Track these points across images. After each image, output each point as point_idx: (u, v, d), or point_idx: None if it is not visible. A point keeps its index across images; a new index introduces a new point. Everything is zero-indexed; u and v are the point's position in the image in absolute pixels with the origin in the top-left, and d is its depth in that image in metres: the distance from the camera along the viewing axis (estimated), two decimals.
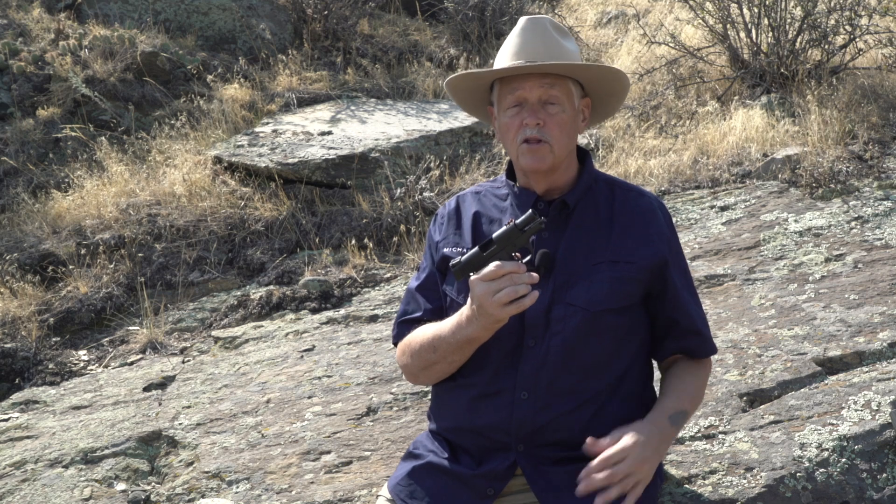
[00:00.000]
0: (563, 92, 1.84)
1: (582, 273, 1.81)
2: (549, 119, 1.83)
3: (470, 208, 1.97)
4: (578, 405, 1.78)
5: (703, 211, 3.94)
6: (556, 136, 1.83)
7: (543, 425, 1.78)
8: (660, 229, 1.87)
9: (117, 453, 2.72)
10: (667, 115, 5.32)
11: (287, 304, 4.03)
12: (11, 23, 6.88)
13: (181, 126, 5.71)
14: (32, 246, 4.68)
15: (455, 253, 1.90)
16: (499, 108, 1.90)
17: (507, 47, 1.90)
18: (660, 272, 1.85)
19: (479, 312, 1.69)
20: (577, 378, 1.78)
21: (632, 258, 1.82)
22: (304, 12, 7.45)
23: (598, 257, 1.82)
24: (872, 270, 3.03)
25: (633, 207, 1.89)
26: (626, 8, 7.40)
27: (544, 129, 1.82)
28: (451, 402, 1.89)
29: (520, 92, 1.84)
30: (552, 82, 1.83)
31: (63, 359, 3.96)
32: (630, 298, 1.83)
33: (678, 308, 1.87)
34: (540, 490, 1.77)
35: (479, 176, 5.06)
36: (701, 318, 1.91)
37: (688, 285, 1.91)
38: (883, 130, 4.45)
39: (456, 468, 1.84)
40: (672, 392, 1.84)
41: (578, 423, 1.78)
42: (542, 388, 1.77)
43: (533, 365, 1.78)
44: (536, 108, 1.83)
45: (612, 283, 1.80)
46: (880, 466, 2.06)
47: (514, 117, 1.85)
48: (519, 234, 1.67)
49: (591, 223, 1.87)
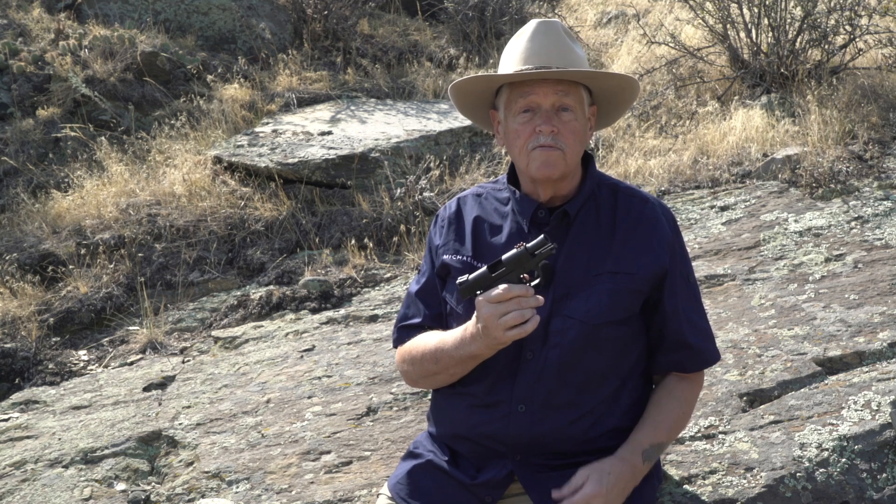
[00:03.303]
0: (576, 99, 1.81)
1: (581, 285, 1.78)
2: (564, 126, 1.79)
3: (471, 213, 1.94)
4: (576, 418, 1.77)
5: (703, 211, 3.94)
6: (570, 143, 1.79)
7: (541, 437, 1.77)
8: (662, 238, 1.83)
9: (117, 453, 2.72)
10: (667, 115, 5.32)
11: (287, 304, 4.03)
12: (11, 23, 6.88)
13: (181, 126, 5.71)
14: (32, 246, 4.68)
15: (456, 261, 1.88)
16: (506, 112, 1.85)
17: (516, 50, 1.84)
18: (659, 282, 1.81)
19: (483, 333, 1.68)
20: (575, 391, 1.77)
21: (632, 269, 1.79)
22: (304, 12, 7.46)
23: (598, 268, 1.79)
24: (872, 270, 3.03)
25: (636, 216, 1.84)
26: (626, 8, 7.40)
27: (559, 137, 1.78)
28: (449, 409, 1.89)
29: (532, 97, 1.79)
30: (566, 90, 1.79)
31: (63, 359, 3.96)
32: (629, 310, 1.80)
33: (670, 321, 1.82)
34: (537, 498, 1.76)
35: (479, 176, 5.06)
36: (697, 330, 1.85)
37: (689, 296, 1.86)
38: (883, 130, 4.45)
39: (455, 473, 1.83)
40: (650, 422, 1.81)
41: (576, 435, 1.78)
42: (540, 401, 1.76)
43: (530, 377, 1.77)
44: (550, 114, 1.79)
45: (612, 295, 1.77)
46: (880, 466, 2.06)
47: (526, 123, 1.80)
48: (529, 259, 1.66)
49: (591, 232, 1.83)
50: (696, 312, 1.88)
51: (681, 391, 1.86)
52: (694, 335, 1.84)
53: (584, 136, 1.83)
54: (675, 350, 1.84)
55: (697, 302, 1.89)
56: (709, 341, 1.88)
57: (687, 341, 1.83)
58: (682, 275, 1.86)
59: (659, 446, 1.79)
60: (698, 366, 1.87)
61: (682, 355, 1.85)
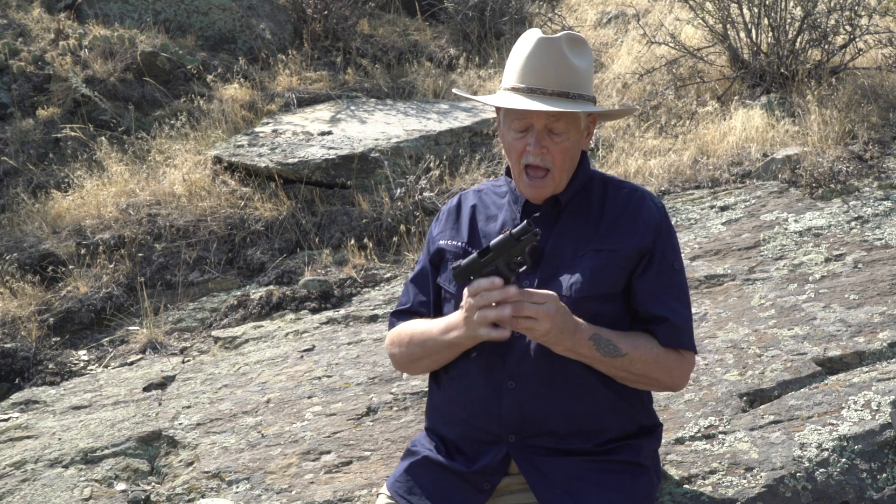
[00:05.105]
0: (569, 121, 1.84)
1: (567, 265, 1.83)
2: (554, 147, 1.84)
3: (469, 203, 2.02)
4: (564, 394, 1.80)
5: (703, 211, 3.94)
6: (558, 162, 1.85)
7: (532, 414, 1.80)
8: (649, 220, 1.86)
9: (117, 453, 2.72)
10: (667, 115, 5.32)
11: (287, 304, 4.03)
12: (11, 23, 6.88)
13: (181, 126, 5.71)
14: (32, 246, 4.68)
15: (451, 246, 1.95)
16: (504, 122, 1.91)
17: (516, 65, 1.85)
18: (639, 260, 1.84)
19: (464, 322, 1.75)
20: (561, 367, 1.79)
21: (615, 246, 1.83)
22: (304, 12, 7.46)
23: (583, 249, 1.84)
24: (872, 270, 3.03)
25: (623, 202, 1.90)
26: (626, 8, 7.40)
27: (547, 157, 1.84)
28: (443, 395, 1.92)
29: (526, 121, 1.85)
30: (558, 115, 1.82)
31: (63, 359, 3.96)
32: (613, 286, 1.83)
33: (645, 298, 1.82)
34: (534, 482, 1.78)
35: (479, 176, 5.06)
36: (672, 310, 1.83)
37: (670, 281, 1.85)
38: (883, 130, 4.45)
39: (452, 465, 1.86)
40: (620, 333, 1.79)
41: (566, 413, 1.80)
42: (528, 377, 1.80)
43: (518, 355, 1.81)
44: (541, 136, 1.83)
45: (594, 270, 1.81)
46: (880, 466, 2.06)
47: (519, 141, 1.86)
48: (514, 244, 1.68)
49: (581, 219, 1.89)
50: (674, 296, 1.85)
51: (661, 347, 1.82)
52: (667, 311, 1.82)
53: (575, 151, 1.88)
54: (649, 322, 1.83)
55: (679, 289, 1.87)
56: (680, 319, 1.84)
57: (660, 315, 1.82)
58: (665, 256, 1.86)
59: (614, 347, 1.76)
60: (670, 341, 1.83)
61: (656, 328, 1.82)
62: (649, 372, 1.81)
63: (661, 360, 1.82)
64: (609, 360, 1.76)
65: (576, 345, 1.74)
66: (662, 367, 1.82)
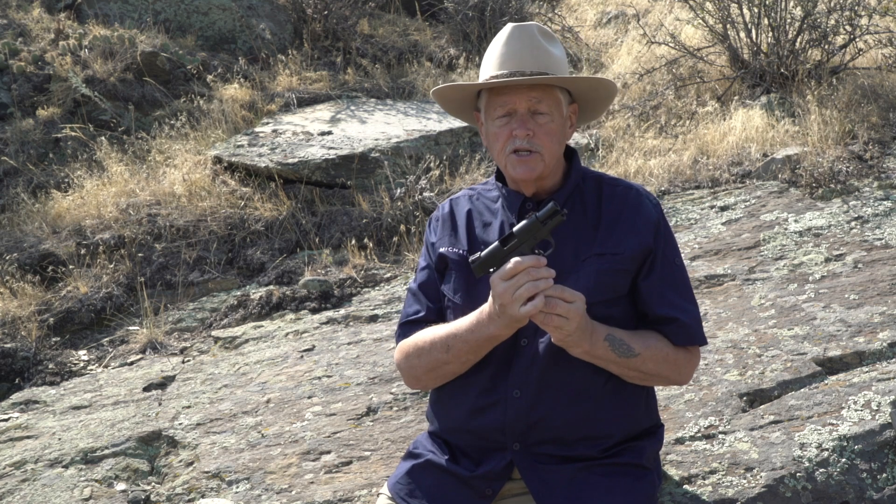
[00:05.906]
0: (551, 102, 1.84)
1: (570, 270, 1.81)
2: (539, 129, 1.82)
3: (463, 210, 1.98)
4: (570, 401, 1.79)
5: (703, 211, 3.94)
6: (545, 144, 1.83)
7: (536, 422, 1.79)
8: (647, 219, 1.86)
9: (117, 453, 2.72)
10: (667, 115, 5.32)
11: (287, 304, 4.03)
12: (11, 23, 6.88)
13: (181, 126, 5.71)
14: (32, 246, 4.68)
15: (452, 252, 1.91)
16: (486, 115, 1.90)
17: (492, 55, 1.88)
18: (643, 261, 1.84)
19: (500, 311, 1.68)
20: (568, 373, 1.79)
21: (617, 249, 1.82)
22: (304, 12, 7.46)
23: (585, 253, 1.83)
24: (872, 270, 3.03)
25: (620, 201, 1.88)
26: (626, 8, 7.40)
27: (534, 140, 1.82)
28: (448, 403, 1.90)
29: (509, 105, 1.83)
30: (540, 95, 1.82)
31: (63, 359, 3.96)
32: (618, 290, 1.82)
33: (652, 296, 1.82)
34: (536, 490, 1.78)
35: (479, 176, 5.06)
36: (681, 310, 1.84)
37: (673, 278, 1.86)
38: (883, 130, 4.45)
39: (454, 468, 1.85)
40: (631, 332, 1.79)
41: (572, 420, 1.79)
42: (533, 385, 1.79)
43: (525, 363, 1.80)
44: (526, 118, 1.83)
45: (599, 275, 1.80)
46: (880, 466, 2.06)
47: (504, 127, 1.85)
48: (540, 227, 1.65)
49: (578, 221, 1.87)
50: (679, 293, 1.86)
51: (671, 345, 1.83)
52: (676, 311, 1.83)
53: (561, 135, 1.87)
54: (658, 323, 1.83)
55: (684, 285, 1.88)
56: (689, 318, 1.85)
57: (669, 316, 1.83)
58: (666, 255, 1.87)
59: (627, 347, 1.76)
60: (682, 339, 1.84)
61: (667, 329, 1.83)
62: (661, 370, 1.82)
63: (671, 357, 1.83)
64: (623, 360, 1.76)
65: (593, 346, 1.73)
66: (672, 365, 1.84)
